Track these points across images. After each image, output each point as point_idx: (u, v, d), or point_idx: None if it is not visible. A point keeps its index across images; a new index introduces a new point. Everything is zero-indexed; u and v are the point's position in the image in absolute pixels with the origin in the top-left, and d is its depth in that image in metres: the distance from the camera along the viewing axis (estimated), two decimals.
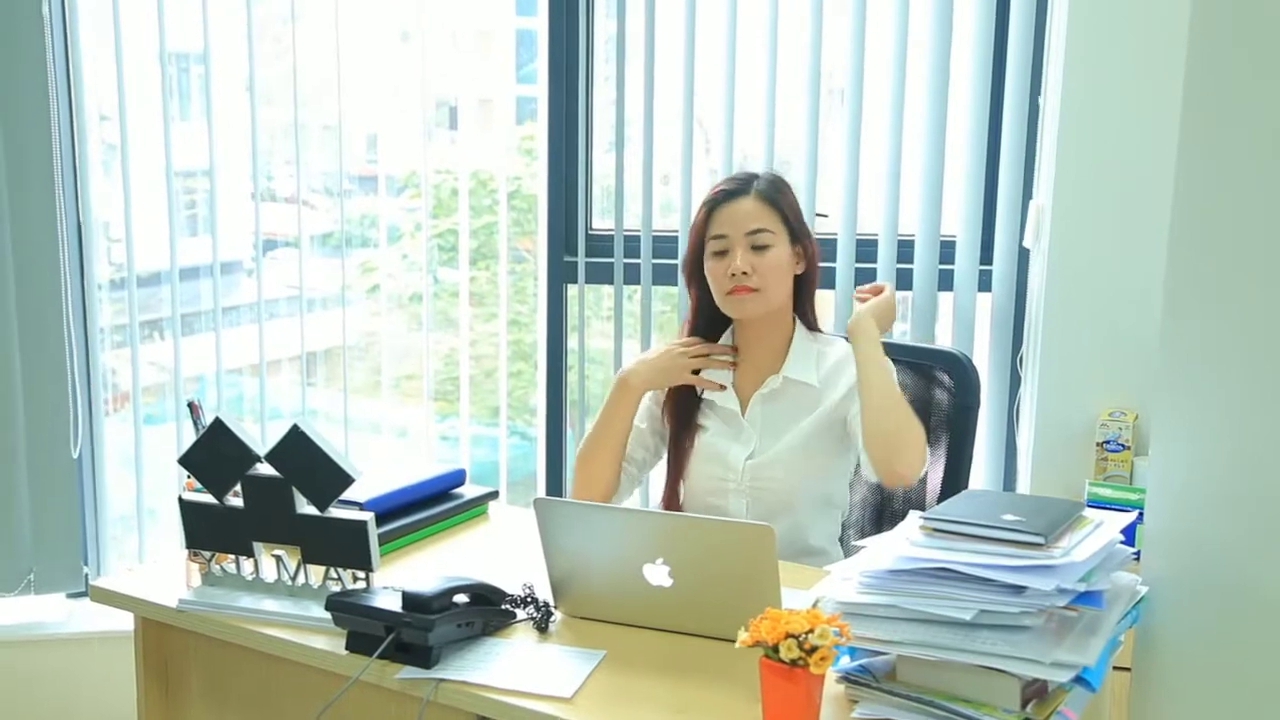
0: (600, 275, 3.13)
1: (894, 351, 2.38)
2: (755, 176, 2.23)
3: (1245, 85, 1.41)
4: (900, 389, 2.13)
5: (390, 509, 2.10)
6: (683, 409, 2.27)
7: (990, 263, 3.00)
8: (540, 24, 3.13)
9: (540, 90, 3.16)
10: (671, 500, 2.26)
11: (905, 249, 3.01)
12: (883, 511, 2.39)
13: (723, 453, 2.21)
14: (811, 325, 2.28)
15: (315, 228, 3.36)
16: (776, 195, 2.20)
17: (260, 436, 3.15)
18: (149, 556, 3.26)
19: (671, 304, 3.26)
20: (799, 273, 2.23)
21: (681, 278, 2.32)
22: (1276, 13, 1.34)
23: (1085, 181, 2.70)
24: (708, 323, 2.26)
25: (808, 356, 2.22)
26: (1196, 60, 1.54)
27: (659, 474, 2.36)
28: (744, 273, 2.15)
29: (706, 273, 2.21)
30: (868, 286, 2.28)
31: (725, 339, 2.27)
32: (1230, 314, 1.45)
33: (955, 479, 2.30)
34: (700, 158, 3.15)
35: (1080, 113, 2.68)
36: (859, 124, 2.98)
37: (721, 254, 2.17)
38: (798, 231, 2.21)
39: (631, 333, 3.17)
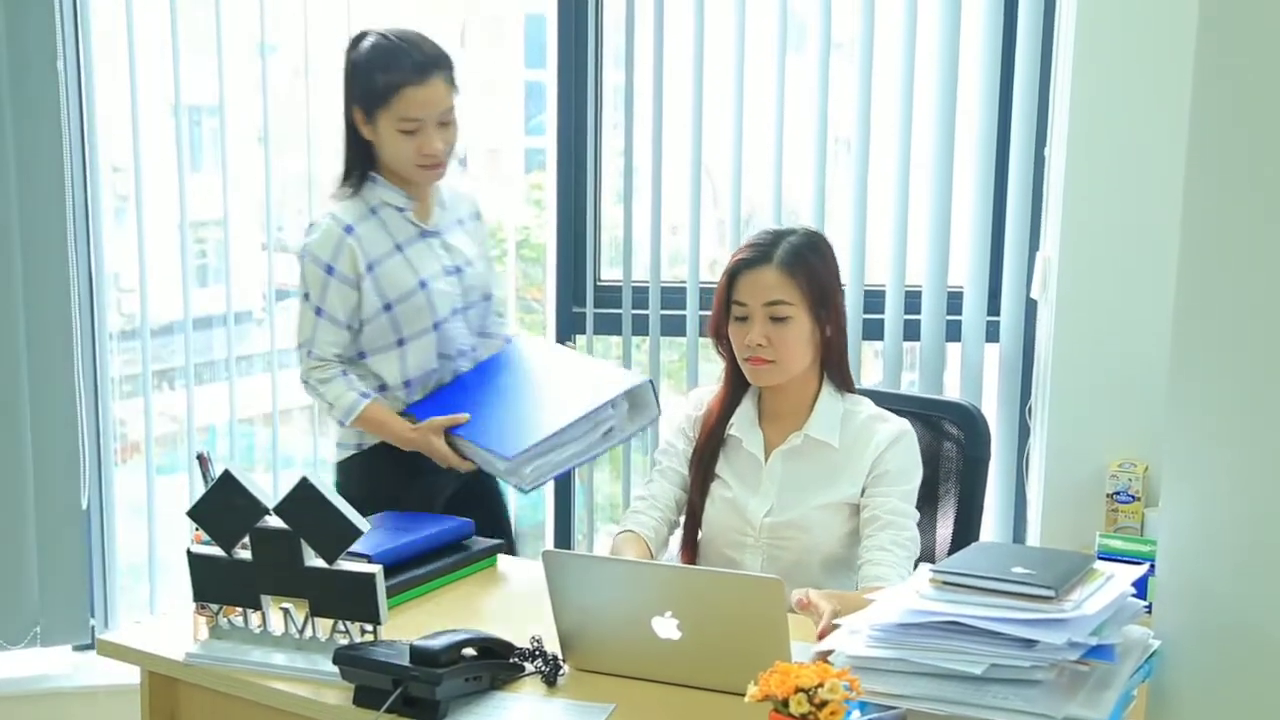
0: (609, 326, 3.14)
1: (904, 403, 2.39)
2: (782, 239, 2.16)
3: (1249, 142, 1.42)
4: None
5: (398, 561, 2.09)
6: (709, 454, 2.26)
7: (998, 314, 3.00)
8: (549, 76, 3.16)
9: (549, 141, 3.18)
10: (689, 548, 2.25)
11: (913, 300, 3.02)
12: None
13: (741, 507, 2.20)
14: (842, 385, 2.22)
15: None
16: (798, 264, 2.13)
17: (272, 486, 3.16)
18: (159, 608, 3.25)
19: (679, 354, 3.26)
20: (827, 336, 2.18)
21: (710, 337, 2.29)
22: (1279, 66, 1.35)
23: (1092, 233, 2.71)
24: (740, 378, 2.24)
25: (832, 416, 2.19)
26: (1200, 116, 1.55)
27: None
28: (759, 344, 2.13)
29: (730, 335, 2.20)
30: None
31: (753, 390, 2.26)
32: (1238, 364, 1.45)
33: (966, 531, 2.29)
34: (708, 208, 3.17)
35: (1086, 165, 2.70)
36: (865, 175, 3.00)
37: (743, 319, 2.16)
38: (822, 300, 2.14)
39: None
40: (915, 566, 2.11)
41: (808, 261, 2.14)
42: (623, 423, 2.38)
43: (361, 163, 2.44)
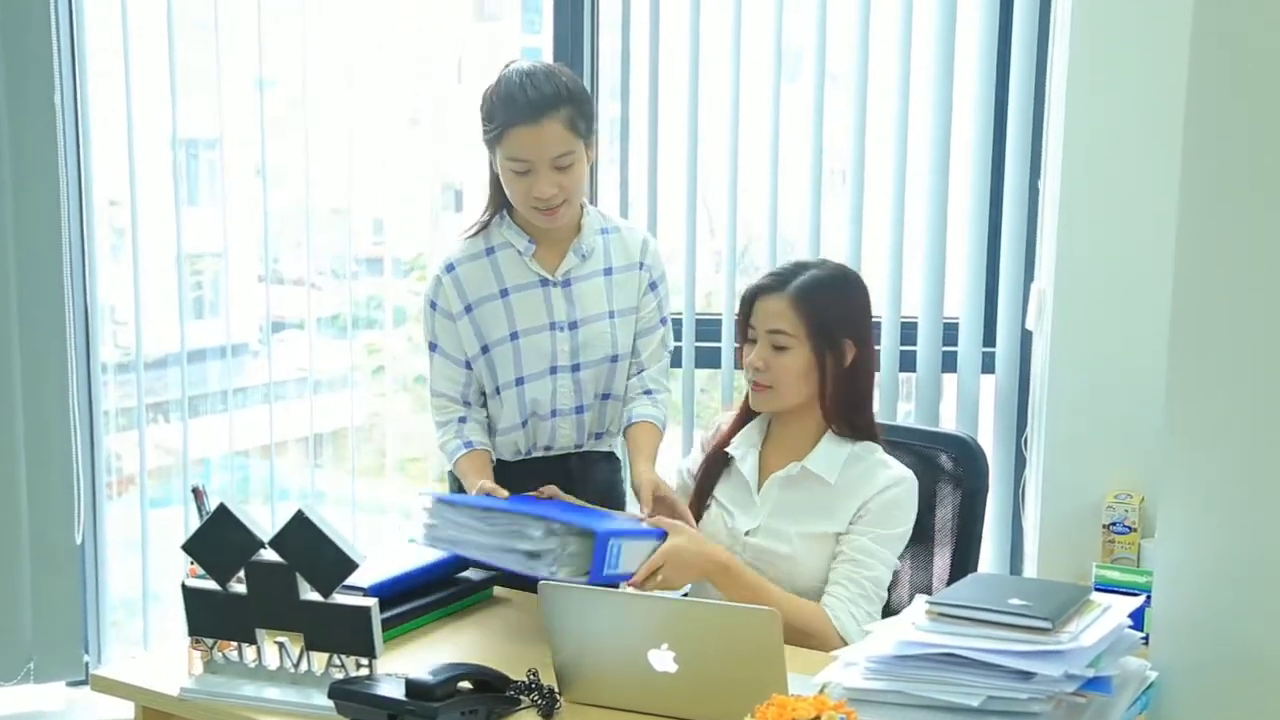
0: None
1: (900, 434, 2.39)
2: (804, 270, 2.16)
3: (1242, 174, 1.43)
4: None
5: (394, 594, 2.08)
6: (709, 477, 2.28)
7: (993, 345, 3.01)
8: None
9: None
10: None
11: (908, 331, 3.03)
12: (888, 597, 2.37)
13: (728, 523, 2.22)
14: (855, 429, 2.18)
15: (322, 310, 3.39)
16: (807, 296, 2.12)
17: (269, 518, 3.15)
18: (153, 642, 3.23)
19: (674, 384, 3.25)
20: (833, 371, 2.15)
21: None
22: (1273, 99, 1.36)
23: (1086, 265, 2.72)
24: None
25: (835, 455, 2.18)
26: (1194, 148, 1.56)
27: None
28: (757, 369, 2.15)
29: (741, 356, 2.22)
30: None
31: (765, 415, 2.27)
32: (1233, 395, 1.46)
33: (963, 563, 2.29)
34: (705, 239, 3.18)
35: (1079, 196, 2.71)
36: (861, 206, 3.02)
37: (752, 342, 2.18)
38: (826, 335, 2.14)
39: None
40: (878, 607, 2.12)
41: (818, 295, 2.14)
42: (557, 558, 1.97)
43: (498, 200, 2.37)
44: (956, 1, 2.92)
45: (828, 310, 2.14)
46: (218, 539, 1.85)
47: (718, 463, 2.28)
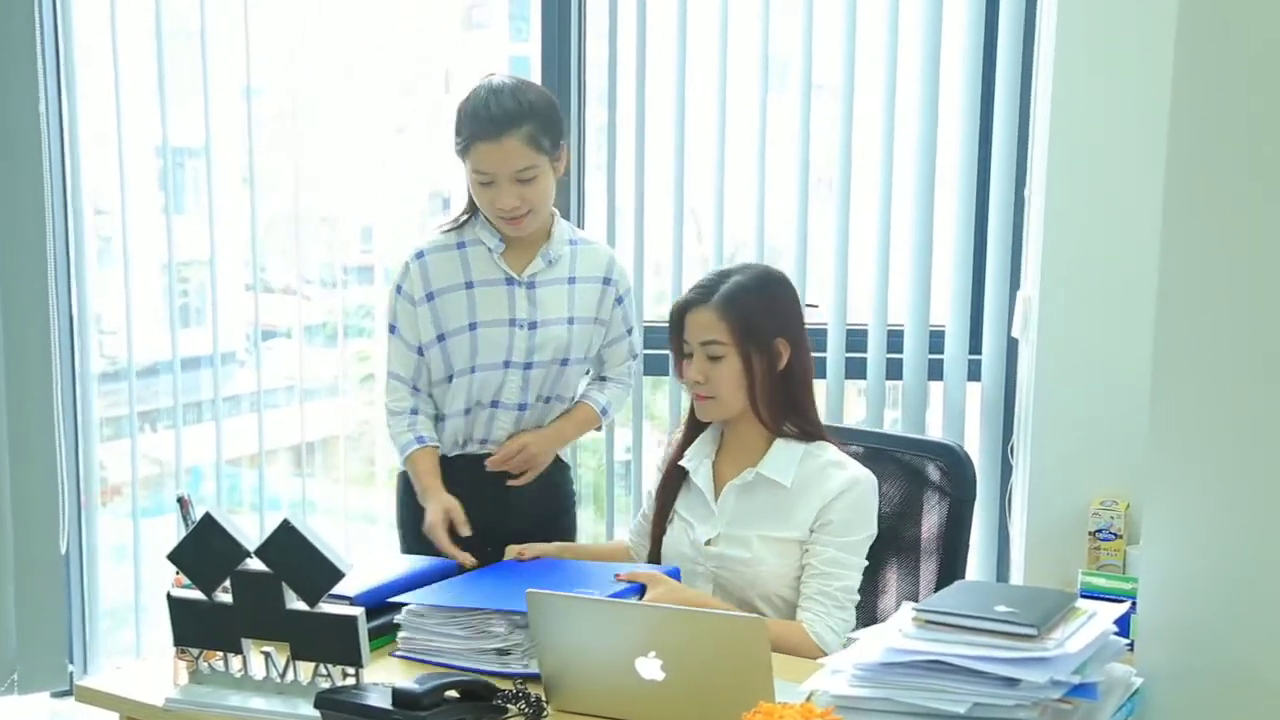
0: None
1: (889, 442, 2.40)
2: (727, 279, 2.18)
3: (1226, 182, 1.44)
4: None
5: (381, 603, 2.08)
6: (667, 494, 2.30)
7: (979, 352, 3.02)
8: None
9: None
10: None
11: (895, 338, 3.03)
12: (875, 604, 2.38)
13: (689, 534, 2.23)
14: (800, 433, 2.20)
15: (310, 318, 3.39)
16: (732, 303, 2.15)
17: (258, 527, 3.15)
18: (144, 651, 3.22)
19: (662, 392, 3.27)
20: (766, 372, 2.16)
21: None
22: (1255, 108, 1.37)
23: (1071, 273, 2.73)
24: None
25: (788, 457, 2.19)
26: (1178, 157, 1.57)
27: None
28: (696, 381, 2.18)
29: (680, 372, 2.25)
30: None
31: (716, 426, 2.28)
32: (1218, 402, 1.47)
33: (950, 571, 2.29)
34: (692, 247, 3.18)
35: (1065, 205, 2.72)
36: (847, 214, 3.02)
37: (688, 357, 2.21)
38: (753, 338, 2.15)
39: (623, 421, 3.18)
40: (852, 613, 2.12)
41: (743, 300, 2.16)
42: (527, 651, 1.91)
43: (474, 202, 2.45)
44: (942, 11, 2.93)
45: (754, 313, 2.16)
46: (203, 548, 1.84)
47: (674, 478, 2.30)
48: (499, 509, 2.47)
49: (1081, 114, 2.69)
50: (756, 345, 2.15)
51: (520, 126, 2.32)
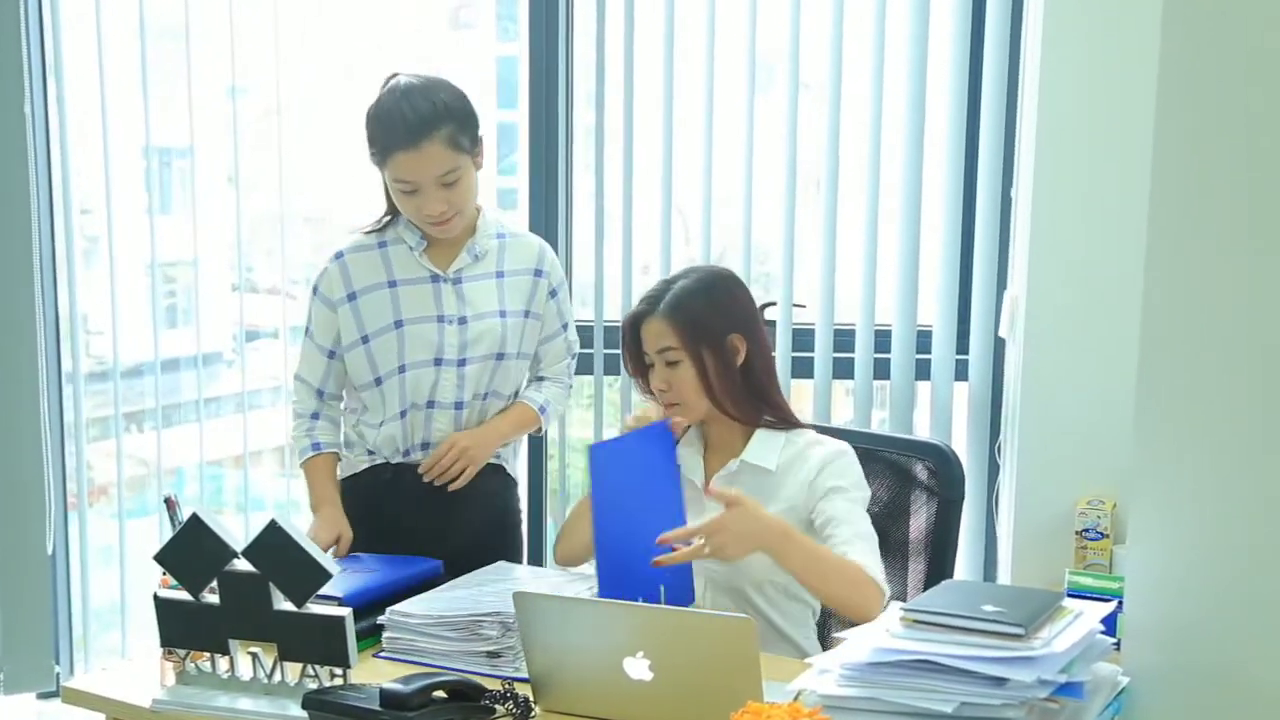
0: (581, 365, 3.12)
1: (878, 442, 2.40)
2: (671, 286, 2.19)
3: (1213, 182, 1.44)
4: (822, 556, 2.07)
5: (368, 603, 2.08)
6: None
7: (967, 352, 3.02)
8: (520, 116, 3.18)
9: (520, 181, 3.20)
10: None
11: (882, 339, 3.04)
12: None
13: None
14: (774, 420, 2.22)
15: (296, 318, 3.38)
16: (678, 309, 2.16)
17: (243, 528, 3.14)
18: (130, 653, 3.21)
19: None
20: (724, 370, 2.17)
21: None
22: (1240, 108, 1.38)
23: (1058, 272, 2.74)
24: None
25: (772, 442, 2.21)
26: (1164, 156, 1.57)
27: None
28: (661, 390, 2.20)
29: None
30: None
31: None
32: (1204, 401, 1.47)
33: (939, 570, 2.29)
34: (680, 248, 3.19)
35: (1051, 205, 2.73)
36: (835, 215, 3.03)
37: (651, 367, 2.22)
38: (704, 338, 2.16)
39: (611, 421, 3.18)
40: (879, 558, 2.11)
41: (690, 303, 2.18)
42: (519, 654, 1.90)
43: (394, 205, 2.41)
44: (929, 12, 2.94)
45: (702, 314, 2.18)
46: (190, 549, 1.84)
47: None
48: (441, 520, 2.44)
49: (1068, 114, 2.70)
50: (709, 345, 2.17)
51: (438, 130, 2.27)
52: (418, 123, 2.26)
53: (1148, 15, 1.72)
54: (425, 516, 2.42)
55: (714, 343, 2.18)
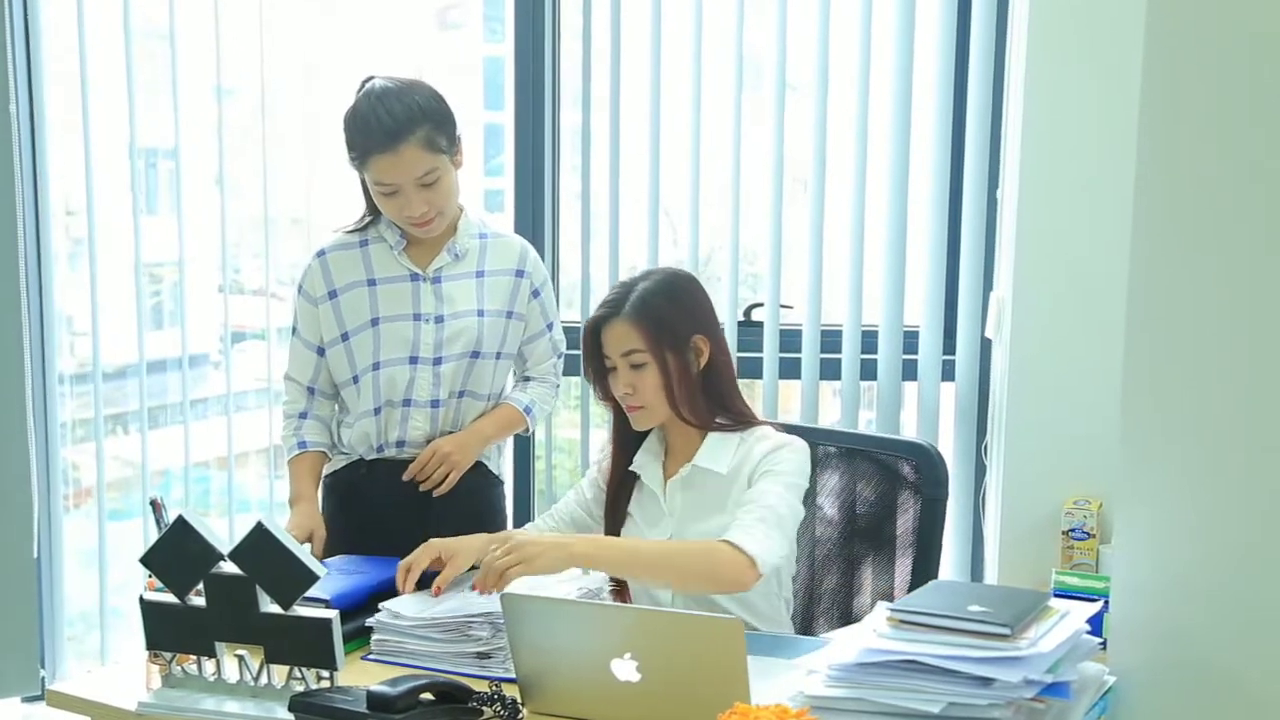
0: (567, 367, 3.12)
1: (862, 442, 2.41)
2: (633, 288, 2.19)
3: (1197, 181, 1.45)
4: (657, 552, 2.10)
5: (355, 605, 2.07)
6: (617, 497, 2.30)
7: (953, 353, 3.03)
8: (506, 118, 3.18)
9: (506, 182, 3.20)
10: (620, 584, 2.26)
11: (869, 339, 3.04)
12: (850, 604, 2.39)
13: (644, 536, 2.24)
14: (728, 423, 2.22)
15: (282, 320, 3.37)
16: (642, 311, 2.16)
17: (228, 530, 3.13)
18: (111, 656, 3.20)
19: None
20: (687, 372, 2.18)
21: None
22: (1224, 111, 1.38)
23: (1044, 273, 2.75)
24: (626, 421, 2.26)
25: (724, 445, 2.21)
26: (1148, 157, 1.58)
27: None
28: (626, 393, 2.19)
29: (609, 385, 2.24)
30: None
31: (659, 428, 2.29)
32: (1189, 402, 1.48)
33: (924, 570, 2.30)
34: (667, 249, 3.19)
35: (1037, 206, 2.74)
36: (822, 215, 3.03)
37: (612, 370, 2.21)
38: (668, 340, 2.16)
39: (598, 422, 3.18)
40: (784, 540, 2.09)
41: (653, 304, 2.17)
42: (509, 655, 1.85)
43: (375, 206, 2.42)
44: (915, 13, 2.95)
45: (667, 316, 2.18)
46: (176, 551, 1.83)
47: (625, 486, 2.30)
48: (418, 517, 2.42)
49: (1053, 115, 2.71)
50: (674, 347, 2.17)
51: (415, 132, 2.28)
52: (394, 126, 2.28)
53: (1132, 18, 1.73)
54: (405, 514, 2.42)
55: (678, 344, 2.18)
